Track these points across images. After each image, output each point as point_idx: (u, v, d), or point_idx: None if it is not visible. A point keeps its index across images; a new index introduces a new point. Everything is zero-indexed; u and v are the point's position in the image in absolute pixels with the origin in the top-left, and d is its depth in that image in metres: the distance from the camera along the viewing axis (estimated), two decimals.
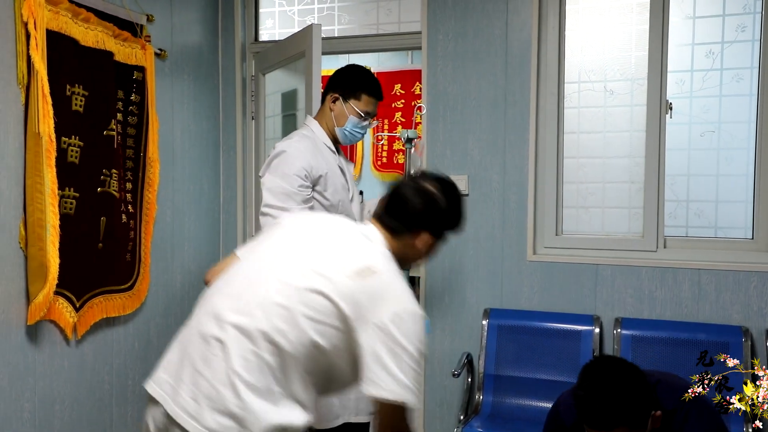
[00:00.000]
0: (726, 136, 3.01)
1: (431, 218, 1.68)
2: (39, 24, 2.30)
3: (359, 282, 1.53)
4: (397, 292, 1.55)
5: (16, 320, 2.34)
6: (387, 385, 1.48)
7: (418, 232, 1.67)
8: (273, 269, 1.59)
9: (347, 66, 2.57)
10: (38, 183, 2.32)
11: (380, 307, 1.50)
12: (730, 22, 2.96)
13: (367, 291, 1.52)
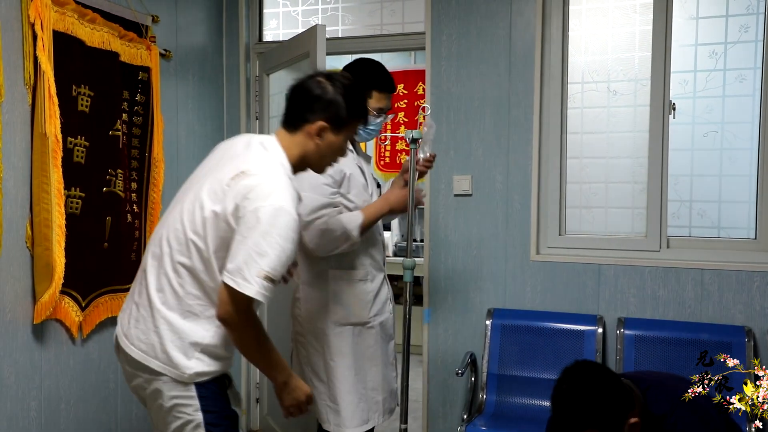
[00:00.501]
0: (729, 137, 3.01)
1: (319, 103, 1.82)
2: (46, 25, 2.32)
3: (232, 185, 1.70)
4: (264, 190, 1.69)
5: (22, 319, 2.35)
6: (231, 272, 1.66)
7: (311, 120, 1.82)
8: (179, 202, 1.85)
9: (355, 61, 2.51)
10: (44, 183, 2.34)
11: (247, 203, 1.67)
12: (734, 22, 2.97)
13: (238, 192, 1.69)
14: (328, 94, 1.83)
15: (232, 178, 1.71)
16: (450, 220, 3.26)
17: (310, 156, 1.86)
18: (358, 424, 2.39)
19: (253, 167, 1.74)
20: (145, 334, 1.80)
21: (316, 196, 2.28)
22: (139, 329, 1.81)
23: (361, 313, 2.41)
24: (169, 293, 1.78)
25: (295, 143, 1.84)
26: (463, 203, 3.24)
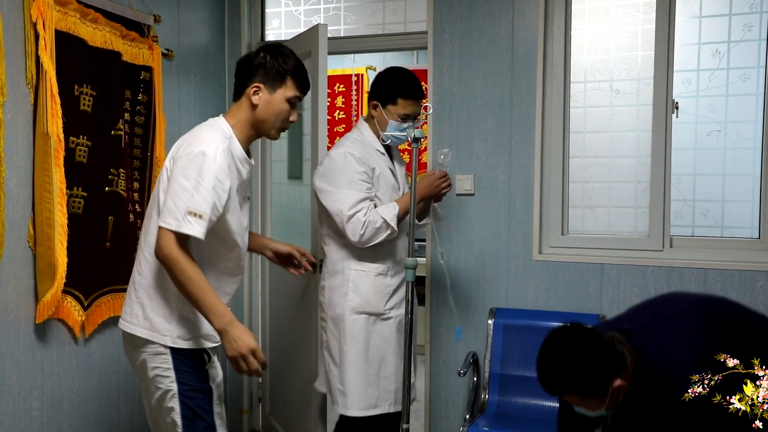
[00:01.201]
0: (732, 136, 3.00)
1: (252, 68, 2.03)
2: (48, 24, 2.32)
3: (176, 151, 1.96)
4: (190, 140, 1.96)
5: (24, 319, 2.35)
6: (160, 215, 1.88)
7: (248, 85, 2.02)
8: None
9: (384, 71, 2.69)
10: (47, 182, 2.34)
11: (176, 158, 1.93)
12: (737, 21, 2.96)
13: (173, 154, 1.96)
14: (259, 59, 2.03)
15: (175, 147, 1.99)
16: (452, 219, 3.25)
17: (254, 117, 2.03)
18: (363, 408, 2.57)
19: (187, 134, 2.03)
20: (129, 307, 2.05)
21: (354, 192, 2.50)
22: (127, 305, 2.07)
23: (378, 304, 2.60)
24: (143, 262, 2.03)
25: (239, 109, 2.05)
26: (466, 203, 3.24)
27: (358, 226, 2.47)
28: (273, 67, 2.02)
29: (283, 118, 2.06)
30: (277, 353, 3.60)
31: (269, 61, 2.02)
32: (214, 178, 1.87)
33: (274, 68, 2.02)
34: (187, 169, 1.87)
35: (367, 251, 2.58)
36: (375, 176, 2.57)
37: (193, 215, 1.84)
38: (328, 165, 2.57)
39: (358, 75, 5.90)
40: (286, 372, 3.50)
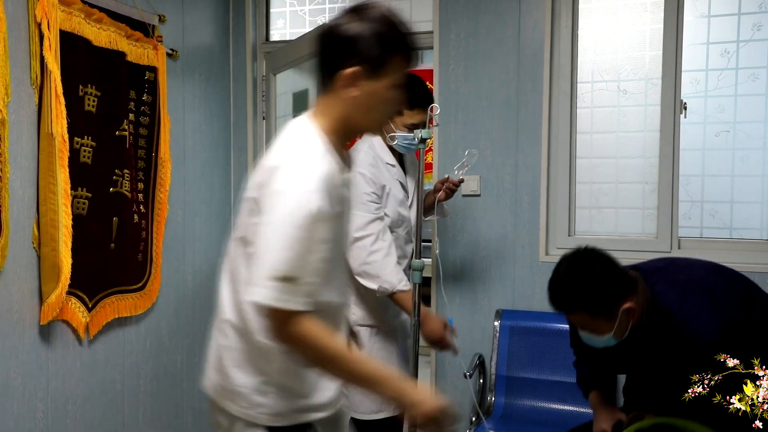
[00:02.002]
0: (741, 136, 2.97)
1: (346, 47, 1.40)
2: (52, 24, 2.31)
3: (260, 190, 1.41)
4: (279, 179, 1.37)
5: (29, 320, 2.34)
6: (256, 285, 1.35)
7: (341, 70, 1.40)
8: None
9: None
10: (51, 183, 2.33)
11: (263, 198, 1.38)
12: (746, 20, 2.93)
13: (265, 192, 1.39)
14: (351, 31, 1.40)
15: (257, 184, 1.43)
16: (458, 220, 3.23)
17: (354, 114, 1.45)
18: (365, 412, 2.57)
19: (275, 160, 1.42)
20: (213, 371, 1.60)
21: (363, 213, 2.39)
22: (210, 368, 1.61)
23: (381, 316, 2.57)
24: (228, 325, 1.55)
25: (332, 105, 1.45)
26: (472, 204, 3.22)
27: (362, 254, 2.38)
28: (376, 45, 1.40)
29: (393, 107, 1.52)
30: None
31: (370, 37, 1.40)
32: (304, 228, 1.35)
33: (379, 46, 1.40)
34: (270, 218, 1.38)
35: None
36: (385, 194, 2.51)
37: (283, 279, 1.33)
38: None
39: None
40: None
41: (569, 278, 1.85)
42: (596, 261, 1.85)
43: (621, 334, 1.86)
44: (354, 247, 2.38)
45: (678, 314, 1.84)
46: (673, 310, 1.85)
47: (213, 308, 1.73)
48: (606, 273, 1.83)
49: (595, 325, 1.85)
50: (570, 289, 1.84)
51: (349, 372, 1.43)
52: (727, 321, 1.83)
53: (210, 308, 3.74)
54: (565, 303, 1.87)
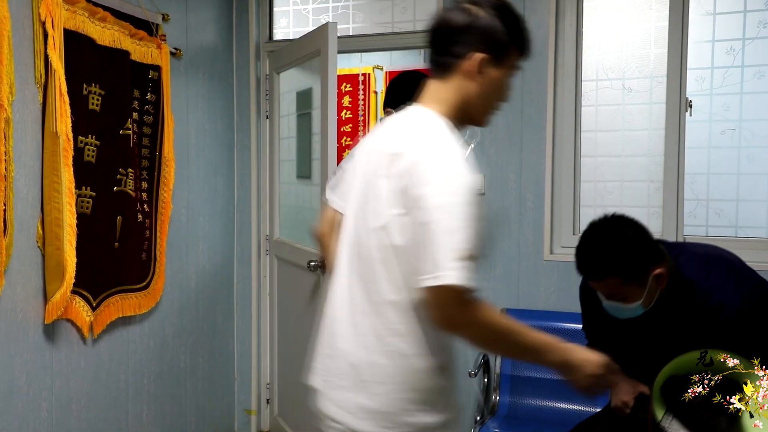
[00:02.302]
0: (747, 134, 2.96)
1: (472, 32, 1.40)
2: (56, 23, 2.30)
3: (392, 175, 1.37)
4: (426, 167, 1.34)
5: (33, 319, 2.34)
6: (441, 268, 1.27)
7: (466, 56, 1.40)
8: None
9: (396, 77, 2.73)
10: (55, 182, 2.32)
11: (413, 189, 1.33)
12: (751, 18, 2.92)
13: (415, 180, 1.34)
14: (481, 19, 1.41)
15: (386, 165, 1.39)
16: None
17: (473, 101, 1.45)
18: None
19: (408, 147, 1.38)
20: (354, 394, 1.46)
21: None
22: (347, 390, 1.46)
23: None
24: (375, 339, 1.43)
25: (451, 90, 1.44)
26: None
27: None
28: (503, 33, 1.42)
29: (504, 99, 1.51)
30: (284, 354, 3.58)
31: (498, 25, 1.42)
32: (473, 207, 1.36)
33: (505, 35, 1.42)
34: (441, 203, 1.33)
35: None
36: None
37: (466, 258, 1.29)
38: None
39: (365, 74, 5.87)
40: (295, 373, 3.48)
41: (601, 243, 1.81)
42: (627, 226, 1.83)
43: (649, 302, 1.84)
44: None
45: (702, 284, 1.83)
46: (696, 280, 1.84)
47: (216, 307, 1.70)
48: (638, 238, 1.81)
49: (626, 292, 1.82)
50: (602, 254, 1.80)
51: (519, 346, 1.40)
52: (751, 291, 1.83)
53: (213, 307, 3.75)
54: (596, 269, 1.83)
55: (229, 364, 3.66)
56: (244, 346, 3.71)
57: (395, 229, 1.36)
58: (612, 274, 1.81)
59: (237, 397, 3.73)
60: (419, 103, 1.48)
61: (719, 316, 1.80)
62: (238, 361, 3.72)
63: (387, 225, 1.38)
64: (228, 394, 3.67)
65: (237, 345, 3.71)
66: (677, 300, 1.86)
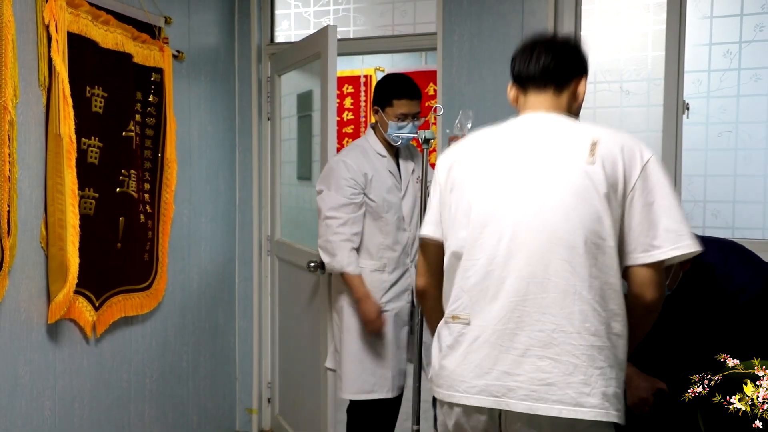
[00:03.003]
0: (744, 136, 2.99)
1: (580, 59, 1.74)
2: (60, 26, 2.33)
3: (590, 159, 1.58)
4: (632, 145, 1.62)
5: (37, 319, 2.37)
6: (684, 237, 1.54)
7: (576, 78, 1.72)
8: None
9: (381, 78, 2.94)
10: (59, 184, 2.35)
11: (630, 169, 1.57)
12: (748, 21, 2.94)
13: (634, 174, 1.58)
14: (582, 50, 1.76)
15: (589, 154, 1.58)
16: None
17: (573, 110, 1.75)
18: (356, 392, 2.79)
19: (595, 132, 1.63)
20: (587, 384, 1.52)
21: (338, 196, 2.71)
22: (582, 382, 1.51)
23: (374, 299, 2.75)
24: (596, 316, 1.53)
25: (564, 103, 1.72)
26: None
27: (327, 232, 2.71)
28: (587, 61, 1.76)
29: None
30: (285, 353, 3.61)
31: (586, 54, 1.77)
32: None
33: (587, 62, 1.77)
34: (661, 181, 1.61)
35: (365, 247, 2.78)
36: (368, 180, 2.75)
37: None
38: (325, 169, 2.82)
39: (367, 76, 5.90)
40: (296, 372, 3.51)
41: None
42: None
43: (673, 284, 1.85)
44: (323, 223, 2.73)
45: (721, 269, 1.86)
46: (715, 264, 1.86)
47: (218, 307, 1.71)
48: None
49: None
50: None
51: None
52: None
53: (215, 307, 3.78)
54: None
55: (230, 364, 3.70)
56: (246, 346, 3.74)
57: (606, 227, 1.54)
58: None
59: (238, 397, 3.76)
60: (554, 113, 1.70)
61: (741, 299, 1.80)
62: (239, 360, 3.75)
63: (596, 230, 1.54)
64: (229, 393, 3.70)
65: (238, 344, 3.74)
66: (697, 284, 1.86)
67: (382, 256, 2.78)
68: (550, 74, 1.70)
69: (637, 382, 1.98)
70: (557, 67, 1.70)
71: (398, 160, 2.88)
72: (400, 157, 2.89)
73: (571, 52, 1.73)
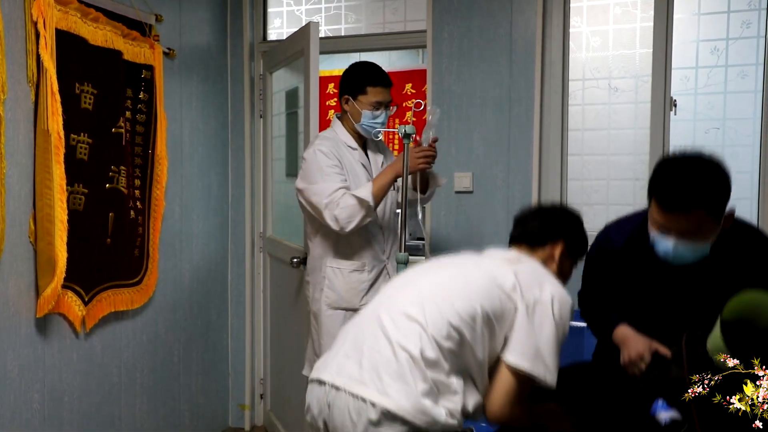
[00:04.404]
0: (731, 133, 3.00)
1: (565, 226, 1.90)
2: (48, 23, 2.36)
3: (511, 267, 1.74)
4: (547, 276, 1.76)
5: (25, 313, 2.39)
6: (526, 354, 1.65)
7: (555, 241, 1.87)
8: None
9: (349, 66, 2.73)
10: (47, 179, 2.38)
11: (535, 288, 1.69)
12: (735, 18, 2.96)
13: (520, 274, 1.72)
14: (561, 220, 1.92)
15: (507, 260, 1.79)
16: (451, 217, 3.27)
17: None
18: None
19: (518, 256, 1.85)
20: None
21: (329, 183, 2.51)
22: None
23: (352, 300, 2.65)
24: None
25: (537, 258, 1.88)
26: (464, 200, 3.25)
27: (335, 210, 2.47)
28: (577, 242, 1.97)
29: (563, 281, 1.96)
30: (277, 350, 3.63)
31: (576, 233, 1.98)
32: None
33: (578, 244, 1.97)
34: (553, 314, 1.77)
35: (343, 247, 2.63)
36: (345, 171, 2.61)
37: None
38: (303, 166, 2.63)
39: None
40: (286, 368, 3.53)
41: (698, 171, 1.70)
42: (715, 160, 1.74)
43: (712, 243, 1.77)
44: (326, 211, 2.49)
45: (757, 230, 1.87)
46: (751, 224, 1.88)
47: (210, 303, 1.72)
48: (722, 169, 1.72)
49: (704, 227, 1.73)
50: (697, 183, 1.69)
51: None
52: None
53: (207, 303, 3.78)
54: (690, 198, 1.70)
55: (223, 360, 3.72)
56: (238, 342, 3.76)
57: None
58: (700, 206, 1.70)
59: (231, 393, 3.79)
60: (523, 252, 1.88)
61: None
62: (232, 356, 3.77)
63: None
64: (222, 389, 3.72)
65: (231, 341, 3.76)
66: (735, 241, 1.81)
67: (361, 255, 2.64)
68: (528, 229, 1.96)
69: (633, 341, 1.92)
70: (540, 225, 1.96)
71: (367, 153, 2.75)
72: (369, 150, 2.76)
73: None
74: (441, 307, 1.64)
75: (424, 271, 1.83)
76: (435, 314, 1.63)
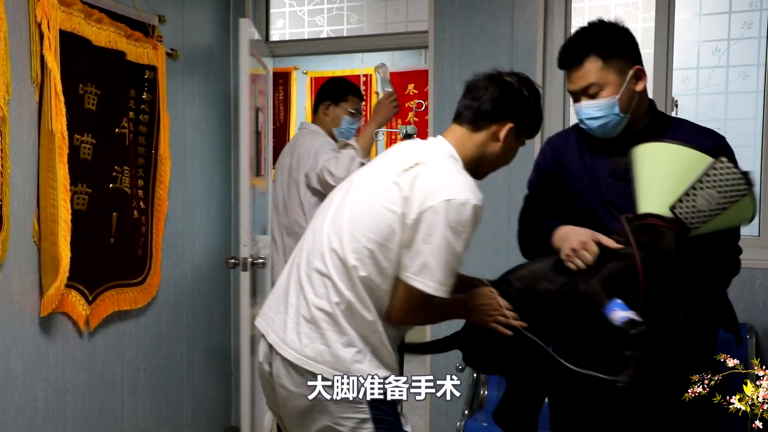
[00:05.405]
0: (732, 133, 3.00)
1: (513, 103, 1.72)
2: (52, 24, 2.37)
3: (404, 176, 1.65)
4: (449, 178, 1.65)
5: (29, 312, 2.41)
6: (413, 270, 1.62)
7: (499, 121, 1.72)
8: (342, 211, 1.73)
9: (330, 79, 3.28)
10: (51, 179, 2.39)
11: (431, 195, 1.61)
12: (737, 19, 2.96)
13: (411, 186, 1.64)
14: (523, 96, 1.74)
15: (404, 170, 1.67)
16: None
17: (488, 159, 1.77)
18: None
19: (423, 157, 1.69)
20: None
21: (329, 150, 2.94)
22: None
23: None
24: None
25: (474, 143, 1.75)
26: None
27: (331, 161, 2.85)
28: (532, 114, 1.81)
29: (506, 163, 1.87)
30: None
31: (531, 105, 1.79)
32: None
33: (532, 116, 1.81)
34: (447, 221, 1.70)
35: None
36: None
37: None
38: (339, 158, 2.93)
39: (367, 75, 5.92)
40: None
41: (584, 29, 1.83)
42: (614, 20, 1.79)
43: (626, 105, 1.75)
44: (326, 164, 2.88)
45: (689, 124, 1.87)
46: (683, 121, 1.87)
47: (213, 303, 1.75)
48: (621, 24, 1.80)
49: (604, 77, 1.74)
50: (584, 33, 1.79)
51: (441, 317, 1.95)
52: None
53: (210, 302, 3.81)
54: (578, 47, 1.77)
55: (225, 359, 3.73)
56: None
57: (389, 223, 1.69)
58: (591, 50, 1.74)
59: (233, 392, 3.80)
60: (444, 137, 1.77)
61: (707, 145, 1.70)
62: (234, 355, 3.78)
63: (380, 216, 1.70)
64: (225, 388, 3.73)
65: (233, 339, 3.77)
66: (660, 129, 1.78)
67: None
68: (468, 104, 1.86)
69: (575, 233, 1.78)
70: (474, 96, 1.87)
71: None
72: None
73: None
74: (339, 253, 1.65)
75: (325, 212, 1.78)
76: (337, 263, 1.66)
